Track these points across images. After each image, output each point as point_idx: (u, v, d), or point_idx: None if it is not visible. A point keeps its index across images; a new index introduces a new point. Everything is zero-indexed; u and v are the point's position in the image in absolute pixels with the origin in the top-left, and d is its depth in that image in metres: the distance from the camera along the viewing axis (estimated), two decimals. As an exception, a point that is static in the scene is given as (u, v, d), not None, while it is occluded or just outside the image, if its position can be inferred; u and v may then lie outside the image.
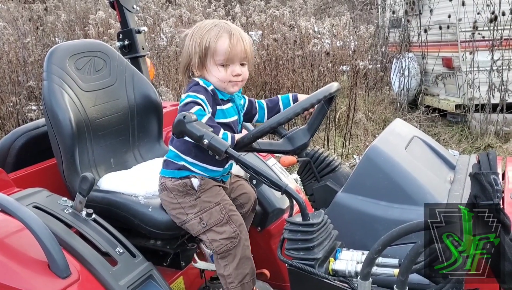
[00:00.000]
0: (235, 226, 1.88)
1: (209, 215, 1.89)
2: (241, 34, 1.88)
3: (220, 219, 1.88)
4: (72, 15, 8.56)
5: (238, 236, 1.87)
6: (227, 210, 1.90)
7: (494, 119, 6.33)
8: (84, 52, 2.29)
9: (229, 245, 1.87)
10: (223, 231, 1.87)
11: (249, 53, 1.88)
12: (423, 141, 2.05)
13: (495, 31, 6.22)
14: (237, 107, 1.98)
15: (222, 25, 1.88)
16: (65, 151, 2.10)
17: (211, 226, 1.88)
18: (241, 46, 1.85)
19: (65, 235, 1.76)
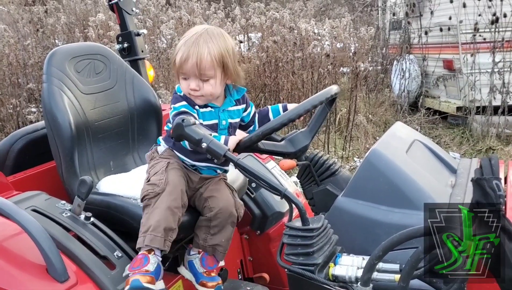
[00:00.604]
0: (165, 178, 1.84)
1: (154, 170, 1.91)
2: (200, 50, 1.83)
3: (157, 170, 1.89)
4: (72, 17, 8.56)
5: (161, 185, 1.82)
6: (169, 166, 1.89)
7: (495, 122, 6.31)
8: (84, 54, 2.28)
9: (149, 190, 1.83)
10: (151, 179, 1.87)
11: (207, 68, 1.84)
12: (424, 145, 2.04)
13: (497, 32, 6.21)
14: (225, 112, 1.96)
15: (195, 37, 1.86)
16: (64, 154, 2.10)
17: (150, 177, 1.90)
18: (193, 62, 1.83)
19: (63, 238, 1.75)
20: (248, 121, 2.10)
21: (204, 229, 2.01)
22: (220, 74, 1.89)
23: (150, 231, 1.78)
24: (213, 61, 1.85)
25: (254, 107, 2.11)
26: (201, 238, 2.02)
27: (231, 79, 1.93)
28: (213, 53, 1.84)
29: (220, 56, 1.86)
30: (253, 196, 2.53)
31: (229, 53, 1.89)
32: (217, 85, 1.89)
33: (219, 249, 2.02)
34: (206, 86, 1.88)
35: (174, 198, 1.83)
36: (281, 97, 6.51)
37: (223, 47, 1.87)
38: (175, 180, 1.87)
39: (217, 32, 1.91)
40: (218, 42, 1.87)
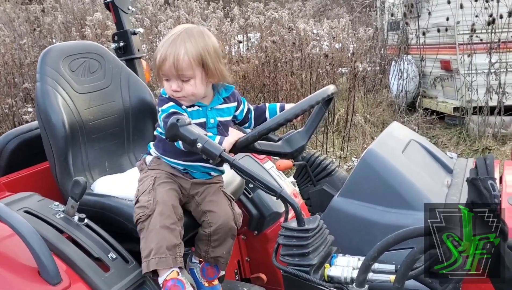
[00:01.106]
0: (153, 197, 1.81)
1: (142, 186, 1.88)
2: (177, 50, 1.80)
3: (144, 189, 1.85)
4: (69, 17, 8.54)
5: (150, 206, 1.79)
6: (156, 182, 1.86)
7: (492, 122, 6.32)
8: (79, 53, 2.26)
9: (141, 214, 1.80)
10: (141, 201, 1.83)
11: (185, 69, 1.81)
12: (420, 145, 2.03)
13: (493, 33, 6.22)
14: (213, 110, 1.94)
15: (173, 37, 1.84)
16: (58, 154, 2.07)
17: (138, 196, 1.86)
18: (170, 63, 1.81)
19: (56, 240, 1.72)
20: (242, 118, 2.07)
21: (205, 242, 2.01)
22: (201, 74, 1.85)
23: (153, 255, 1.76)
24: (191, 61, 1.82)
25: (248, 104, 2.08)
26: (203, 250, 2.02)
27: (214, 79, 1.90)
28: (190, 53, 1.81)
29: (199, 55, 1.82)
30: (250, 197, 2.52)
31: (209, 52, 1.85)
32: (198, 85, 1.86)
33: (221, 260, 2.03)
34: (186, 87, 1.85)
35: (167, 215, 1.80)
36: (280, 97, 6.50)
37: (201, 46, 1.84)
38: (164, 197, 1.83)
39: (197, 31, 1.88)
40: (196, 41, 1.84)
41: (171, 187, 1.91)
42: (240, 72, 6.43)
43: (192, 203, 2.00)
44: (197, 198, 1.99)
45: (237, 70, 6.40)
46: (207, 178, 2.02)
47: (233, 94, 2.02)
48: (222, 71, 1.91)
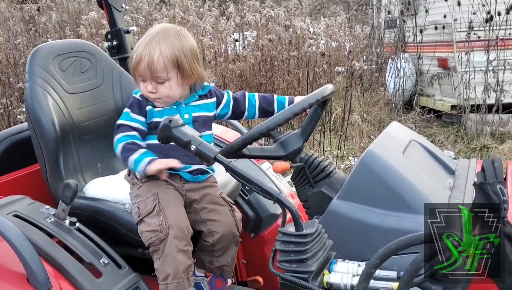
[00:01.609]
0: (164, 220, 1.76)
1: (144, 205, 1.81)
2: (151, 51, 1.78)
3: (150, 210, 1.79)
4: (65, 16, 8.47)
5: (163, 230, 1.74)
6: (161, 202, 1.80)
7: (489, 120, 6.30)
8: (69, 52, 2.21)
9: (153, 238, 1.75)
10: (150, 223, 1.77)
11: (159, 71, 1.79)
12: (421, 145, 1.98)
13: (491, 31, 6.19)
14: (188, 106, 1.91)
15: (149, 38, 1.81)
16: (48, 156, 2.03)
17: (143, 216, 1.80)
18: (145, 65, 1.79)
19: (46, 245, 1.67)
20: (232, 111, 2.03)
21: (208, 253, 1.97)
22: (176, 76, 1.82)
23: (171, 280, 1.75)
24: (165, 63, 1.79)
25: (232, 94, 2.04)
26: (207, 261, 1.98)
27: (190, 80, 1.87)
28: (165, 55, 1.78)
29: (173, 57, 1.79)
30: (247, 198, 2.47)
31: (184, 53, 1.82)
32: (173, 87, 1.83)
33: (226, 268, 1.99)
34: (161, 89, 1.82)
35: (181, 238, 1.77)
36: (276, 96, 6.45)
37: (177, 47, 1.81)
38: (176, 219, 1.79)
39: (174, 31, 1.84)
40: (172, 42, 1.81)
41: (178, 203, 1.86)
42: (236, 71, 6.38)
43: (190, 210, 1.94)
44: (196, 205, 1.94)
45: (234, 68, 6.36)
46: (199, 180, 1.97)
47: (210, 91, 1.99)
48: (199, 72, 1.88)
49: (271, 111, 2.03)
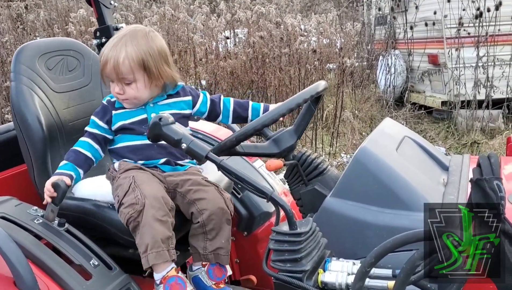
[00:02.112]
0: (139, 192, 1.74)
1: (121, 189, 1.80)
2: (117, 53, 1.79)
3: (126, 190, 1.78)
4: (53, 13, 8.37)
5: (139, 201, 1.72)
6: (136, 180, 1.79)
7: (480, 116, 6.33)
8: (56, 50, 2.18)
9: (131, 212, 1.72)
10: (126, 201, 1.76)
11: (125, 73, 1.81)
12: (415, 142, 1.96)
13: (481, 27, 6.21)
14: (156, 106, 1.91)
15: (116, 39, 1.83)
16: (36, 157, 1.99)
17: (121, 199, 1.78)
18: (111, 66, 1.81)
19: (34, 247, 1.64)
20: (208, 112, 2.04)
21: (201, 237, 1.90)
22: (143, 77, 1.83)
23: (150, 250, 1.71)
24: (131, 65, 1.80)
25: (210, 96, 2.05)
26: (201, 247, 1.91)
27: (159, 82, 1.87)
28: (130, 57, 1.79)
29: (139, 59, 1.80)
30: (239, 197, 2.45)
31: (151, 55, 1.82)
32: (140, 89, 1.85)
33: (222, 252, 1.92)
34: (128, 90, 1.84)
35: (158, 207, 1.74)
36: (268, 94, 6.43)
37: (143, 49, 1.82)
38: (150, 189, 1.77)
39: (142, 33, 1.85)
40: (138, 44, 1.82)
41: (153, 180, 1.85)
42: (227, 68, 6.35)
43: (177, 196, 1.91)
44: (180, 189, 1.91)
45: (225, 66, 6.32)
46: (180, 170, 1.96)
47: (183, 89, 1.99)
48: (168, 73, 1.88)
49: (244, 117, 2.04)
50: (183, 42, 6.50)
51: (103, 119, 1.91)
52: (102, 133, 1.91)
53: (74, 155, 1.87)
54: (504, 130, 6.28)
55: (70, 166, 1.84)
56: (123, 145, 1.93)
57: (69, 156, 1.87)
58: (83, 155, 1.88)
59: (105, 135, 1.92)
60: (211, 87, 6.41)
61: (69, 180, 1.80)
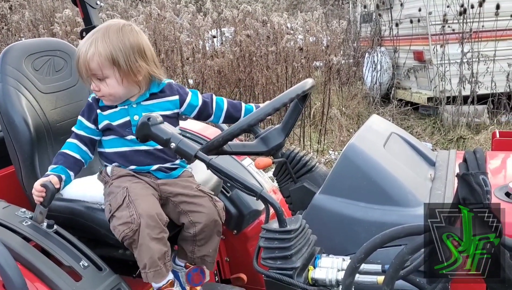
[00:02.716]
0: (134, 211, 1.73)
1: (114, 200, 1.79)
2: (87, 49, 1.77)
3: (120, 203, 1.77)
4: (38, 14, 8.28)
5: (134, 221, 1.71)
6: (131, 194, 1.78)
7: (465, 111, 6.40)
8: (42, 51, 2.16)
9: (126, 231, 1.72)
10: (121, 217, 1.75)
11: (95, 69, 1.78)
12: (402, 138, 1.98)
13: (465, 24, 6.27)
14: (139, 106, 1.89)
15: (89, 36, 1.82)
16: (23, 158, 1.97)
17: (114, 211, 1.77)
18: (81, 63, 1.80)
19: (23, 249, 1.63)
20: (198, 112, 2.00)
21: (190, 243, 1.93)
22: (114, 74, 1.80)
23: (149, 269, 1.76)
24: (99, 61, 1.77)
25: (202, 96, 2.01)
26: (188, 251, 1.95)
27: (134, 78, 1.82)
28: (99, 53, 1.77)
29: (108, 55, 1.77)
30: (229, 195, 2.45)
31: (123, 51, 1.78)
32: (112, 85, 1.81)
33: (208, 259, 1.96)
34: (102, 87, 1.82)
35: (153, 226, 1.74)
36: (256, 92, 6.43)
37: (114, 45, 1.78)
38: (146, 208, 1.75)
39: (115, 28, 1.81)
40: (110, 40, 1.78)
41: (148, 193, 1.83)
42: (215, 67, 6.34)
43: (169, 204, 1.91)
44: (173, 199, 1.91)
45: (212, 65, 6.31)
46: (173, 177, 1.95)
47: (169, 87, 1.95)
48: (145, 69, 1.83)
49: (237, 118, 2.02)
50: (169, 42, 6.47)
51: (89, 119, 1.89)
52: (89, 135, 1.89)
53: (63, 158, 1.85)
54: (489, 125, 6.35)
55: (59, 168, 1.83)
56: (112, 150, 1.90)
57: (58, 159, 1.85)
58: (72, 157, 1.86)
59: (92, 137, 1.90)
60: (199, 86, 6.40)
61: (58, 182, 1.78)
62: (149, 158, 1.89)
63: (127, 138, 1.87)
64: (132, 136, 1.86)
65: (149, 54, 1.86)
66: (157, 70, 1.89)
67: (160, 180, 1.91)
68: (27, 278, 1.52)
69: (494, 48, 6.29)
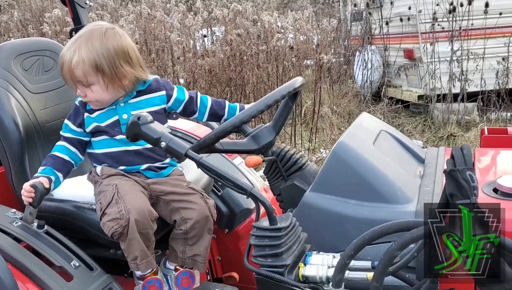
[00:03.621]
0: (123, 207, 1.73)
1: (104, 198, 1.80)
2: (71, 56, 1.76)
3: (109, 200, 1.77)
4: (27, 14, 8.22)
5: (123, 217, 1.71)
6: (120, 190, 1.78)
7: (455, 109, 6.44)
8: (31, 51, 2.15)
9: (115, 226, 1.72)
10: (110, 213, 1.75)
11: (80, 76, 1.77)
12: (391, 135, 2.00)
13: (454, 22, 6.32)
14: (126, 105, 1.89)
15: (72, 41, 1.80)
16: (13, 159, 1.97)
17: (104, 209, 1.78)
18: (65, 70, 1.79)
19: (13, 250, 1.62)
20: (184, 108, 1.99)
21: (181, 242, 1.92)
22: (98, 80, 1.79)
23: (140, 261, 1.78)
24: (83, 69, 1.76)
25: (188, 93, 2.01)
26: (179, 251, 1.92)
27: (119, 82, 1.82)
28: (82, 60, 1.75)
29: (92, 62, 1.75)
30: (220, 194, 2.45)
31: (106, 56, 1.76)
32: (98, 91, 1.81)
33: (199, 259, 1.94)
34: (88, 93, 1.81)
35: (142, 222, 1.74)
36: (247, 91, 6.44)
37: (97, 51, 1.76)
38: (134, 203, 1.76)
39: (98, 33, 1.79)
40: (93, 46, 1.76)
41: (136, 189, 1.83)
42: (205, 66, 6.33)
43: (160, 203, 1.91)
44: (164, 197, 1.91)
45: (203, 64, 6.30)
46: (163, 176, 1.95)
47: (156, 82, 1.94)
48: (130, 73, 1.82)
49: (220, 115, 2.03)
50: (160, 41, 6.45)
51: (75, 123, 1.88)
52: (76, 137, 1.89)
53: (51, 160, 1.84)
54: (479, 122, 6.40)
55: (48, 169, 1.82)
56: (101, 151, 1.90)
57: (46, 161, 1.84)
58: (61, 159, 1.85)
59: (80, 138, 1.90)
60: (189, 86, 6.39)
61: (47, 182, 1.78)
62: (139, 158, 1.89)
63: (117, 138, 1.87)
64: (121, 136, 1.85)
65: (134, 57, 1.85)
66: (143, 73, 1.88)
67: (150, 179, 1.91)
68: (18, 279, 1.51)
69: (484, 46, 6.34)
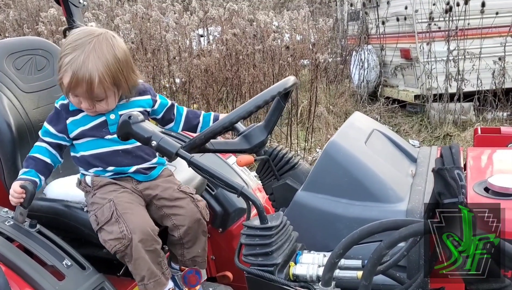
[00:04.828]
0: (125, 227, 1.73)
1: (101, 212, 1.79)
2: (90, 74, 1.68)
3: (108, 217, 1.77)
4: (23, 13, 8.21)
5: (126, 237, 1.72)
6: (118, 208, 1.77)
7: (451, 108, 6.45)
8: (24, 50, 2.15)
9: (118, 245, 1.73)
10: (111, 231, 1.75)
11: (100, 93, 1.73)
12: (383, 134, 2.00)
13: (451, 21, 6.32)
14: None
15: (82, 56, 1.70)
16: (5, 158, 1.97)
17: (102, 224, 1.77)
18: (83, 88, 1.70)
19: (5, 249, 1.63)
20: (162, 115, 2.01)
21: (178, 246, 1.96)
22: (114, 92, 1.79)
23: (148, 280, 1.77)
24: (104, 85, 1.72)
25: (171, 101, 2.03)
26: (178, 254, 1.97)
27: (126, 90, 1.83)
28: (102, 77, 1.70)
29: (111, 78, 1.73)
30: (213, 193, 2.45)
31: (121, 68, 1.75)
32: (111, 103, 1.81)
33: (198, 259, 1.98)
34: (98, 106, 1.79)
35: (146, 239, 1.75)
36: (243, 90, 6.44)
37: (114, 64, 1.73)
38: (136, 222, 1.75)
39: (106, 43, 1.74)
40: (107, 59, 1.72)
41: (136, 205, 1.83)
42: (201, 66, 6.33)
43: (153, 207, 1.92)
44: (156, 202, 1.92)
45: (199, 64, 6.30)
46: (153, 177, 1.95)
47: (143, 87, 1.95)
48: (134, 79, 1.84)
49: (195, 125, 2.05)
50: (156, 41, 6.45)
51: (56, 128, 1.85)
52: (57, 141, 1.86)
53: (33, 162, 1.82)
54: (475, 122, 6.41)
55: (33, 173, 1.80)
56: (88, 153, 1.87)
57: (28, 163, 1.82)
58: (43, 161, 1.83)
59: (61, 143, 1.87)
60: (185, 85, 6.39)
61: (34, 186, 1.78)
62: (127, 158, 1.88)
63: (105, 138, 1.86)
64: (110, 136, 1.85)
65: (130, 61, 1.85)
66: (139, 75, 1.90)
67: (141, 184, 1.91)
68: (9, 278, 1.52)
69: (480, 45, 6.34)
